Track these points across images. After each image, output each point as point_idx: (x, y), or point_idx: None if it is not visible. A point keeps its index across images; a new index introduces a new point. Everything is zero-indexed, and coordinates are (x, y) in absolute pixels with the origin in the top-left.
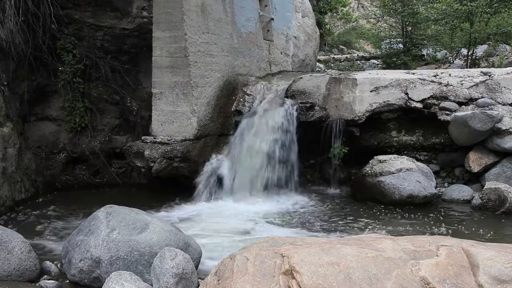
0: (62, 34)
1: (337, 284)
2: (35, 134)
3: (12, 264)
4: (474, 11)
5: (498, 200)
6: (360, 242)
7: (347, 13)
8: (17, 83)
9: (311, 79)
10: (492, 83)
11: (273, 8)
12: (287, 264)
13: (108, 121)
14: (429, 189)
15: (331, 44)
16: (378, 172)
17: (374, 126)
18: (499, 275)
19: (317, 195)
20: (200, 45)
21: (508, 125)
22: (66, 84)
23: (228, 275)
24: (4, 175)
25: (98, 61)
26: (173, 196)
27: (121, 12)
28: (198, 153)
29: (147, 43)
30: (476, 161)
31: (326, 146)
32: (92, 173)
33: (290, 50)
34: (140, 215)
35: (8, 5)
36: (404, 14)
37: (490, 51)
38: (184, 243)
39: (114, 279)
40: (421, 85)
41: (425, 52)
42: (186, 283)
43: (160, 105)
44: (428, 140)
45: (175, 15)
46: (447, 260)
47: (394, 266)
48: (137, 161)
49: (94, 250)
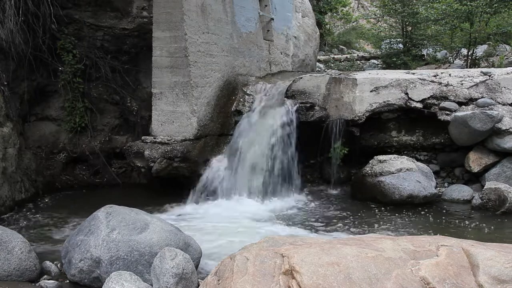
0: (62, 34)
1: (337, 284)
2: (35, 134)
3: (12, 264)
4: (474, 11)
5: (498, 200)
6: (360, 242)
7: (347, 13)
8: (17, 83)
9: (311, 79)
10: (492, 83)
11: (273, 8)
12: (287, 264)
13: (108, 121)
14: (429, 189)
15: (331, 44)
16: (378, 172)
17: (374, 126)
18: (499, 275)
19: (317, 195)
20: (200, 45)
21: (508, 125)
22: (66, 84)
23: (228, 275)
24: (4, 175)
25: (98, 61)
26: (173, 196)
27: (121, 12)
28: (198, 153)
29: (147, 43)
30: (476, 161)
31: (326, 146)
32: (92, 173)
33: (290, 50)
34: (140, 215)
35: (8, 5)
36: (404, 14)
37: (490, 51)
38: (184, 243)
39: (114, 279)
40: (421, 85)
41: (425, 52)
42: (186, 283)
43: (160, 105)
44: (428, 140)
45: (175, 15)
46: (447, 260)
47: (394, 266)
48: (137, 161)
49: (94, 250)
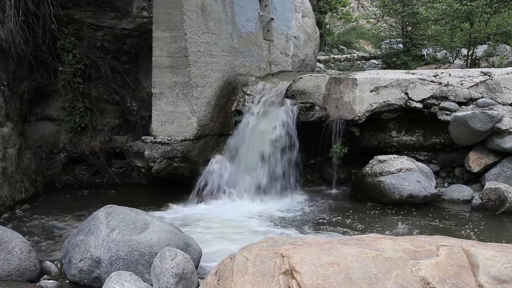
0: (62, 34)
1: (337, 284)
2: (35, 134)
3: (12, 264)
4: (474, 11)
5: (498, 200)
6: (360, 242)
7: (347, 13)
8: (17, 83)
9: (311, 79)
10: (492, 83)
11: (273, 8)
12: (287, 264)
13: (108, 121)
14: (429, 189)
15: (331, 44)
16: (378, 172)
17: (374, 126)
18: (499, 275)
19: (317, 195)
20: (200, 45)
21: (508, 125)
22: (66, 84)
23: (228, 275)
24: (4, 175)
25: (98, 61)
26: (173, 196)
27: (121, 12)
28: (198, 153)
29: (147, 43)
30: (476, 161)
31: (326, 146)
32: (92, 173)
33: (290, 50)
34: (140, 215)
35: (8, 5)
36: (404, 14)
37: (490, 51)
38: (184, 243)
39: (114, 279)
40: (421, 85)
41: (425, 52)
42: (186, 283)
43: (160, 105)
44: (428, 140)
45: (175, 15)
46: (447, 260)
47: (394, 266)
48: (137, 161)
49: (94, 250)
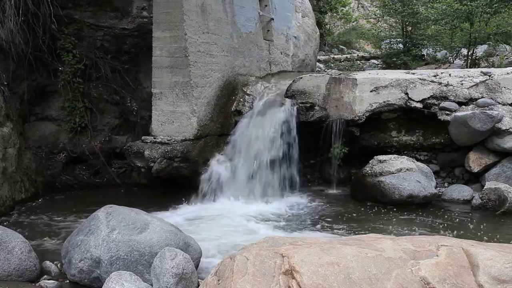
0: (62, 34)
1: (337, 284)
2: (35, 134)
3: (12, 264)
4: (474, 11)
5: (498, 200)
6: (360, 242)
7: (347, 13)
8: (17, 83)
9: (311, 79)
10: (492, 83)
11: (273, 8)
12: (287, 264)
13: (108, 121)
14: (429, 189)
15: (331, 44)
16: (378, 172)
17: (374, 126)
18: (499, 275)
19: (317, 195)
20: (200, 45)
21: (508, 125)
22: (66, 84)
23: (228, 275)
24: (4, 175)
25: (98, 61)
26: (173, 196)
27: (121, 12)
28: (198, 153)
29: (147, 43)
30: (476, 161)
31: (326, 146)
32: (92, 173)
33: (290, 50)
34: (140, 215)
35: (8, 5)
36: (404, 14)
37: (490, 51)
38: (184, 243)
39: (114, 279)
40: (421, 85)
41: (425, 52)
42: (186, 283)
43: (160, 105)
44: (428, 140)
45: (175, 15)
46: (447, 260)
47: (394, 266)
48: (137, 161)
49: (94, 250)
